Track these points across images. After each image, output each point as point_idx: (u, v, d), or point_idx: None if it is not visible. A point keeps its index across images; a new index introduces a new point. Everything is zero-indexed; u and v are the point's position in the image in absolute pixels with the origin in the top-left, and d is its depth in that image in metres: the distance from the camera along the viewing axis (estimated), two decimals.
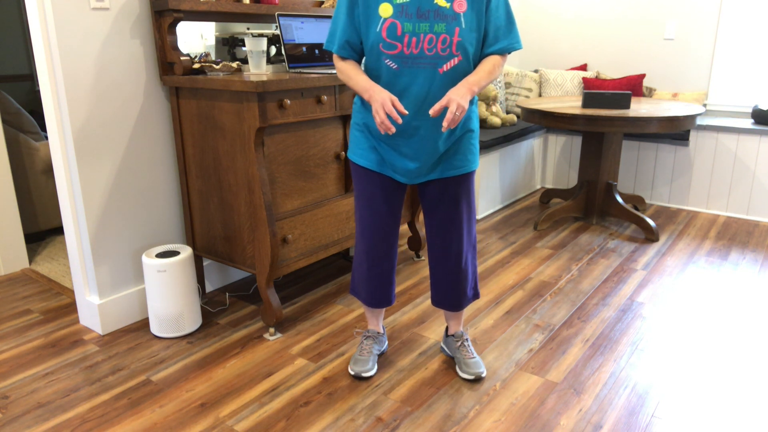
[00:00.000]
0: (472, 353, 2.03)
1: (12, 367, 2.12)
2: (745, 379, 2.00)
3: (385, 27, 1.62)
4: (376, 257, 1.92)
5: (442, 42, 1.62)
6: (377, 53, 1.66)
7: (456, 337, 2.07)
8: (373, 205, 1.85)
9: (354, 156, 1.86)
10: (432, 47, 1.62)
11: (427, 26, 1.60)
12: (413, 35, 1.61)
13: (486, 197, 3.83)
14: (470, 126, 1.81)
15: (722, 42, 4.00)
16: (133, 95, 2.29)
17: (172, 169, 2.49)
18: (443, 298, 1.99)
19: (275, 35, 2.71)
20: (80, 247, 2.30)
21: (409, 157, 1.77)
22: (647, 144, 4.03)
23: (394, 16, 1.61)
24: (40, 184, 3.30)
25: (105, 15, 2.15)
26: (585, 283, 2.78)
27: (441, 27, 1.60)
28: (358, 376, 2.00)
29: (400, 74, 1.66)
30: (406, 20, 1.60)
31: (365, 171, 1.84)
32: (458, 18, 1.61)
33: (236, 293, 2.70)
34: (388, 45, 1.63)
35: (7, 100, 3.21)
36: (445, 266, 1.92)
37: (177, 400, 1.91)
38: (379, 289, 1.98)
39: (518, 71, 4.51)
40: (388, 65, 1.66)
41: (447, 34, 1.61)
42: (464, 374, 1.99)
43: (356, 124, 1.84)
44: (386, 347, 2.18)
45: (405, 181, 1.83)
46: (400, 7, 1.60)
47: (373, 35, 1.64)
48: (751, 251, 3.18)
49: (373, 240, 1.89)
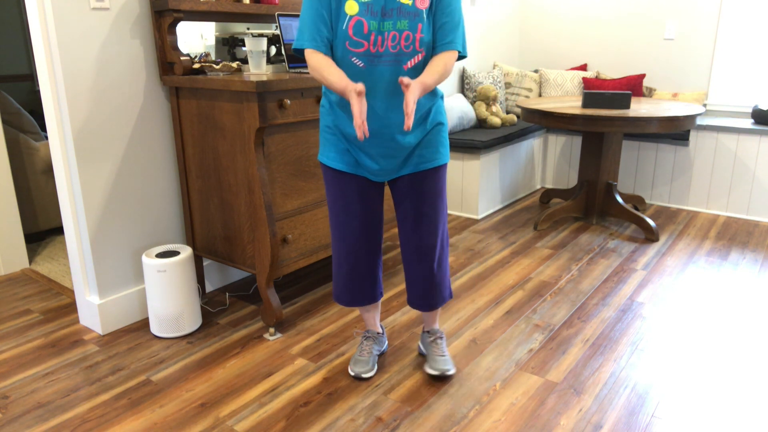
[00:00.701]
0: (443, 351, 2.02)
1: (12, 367, 2.12)
2: (745, 379, 2.00)
3: (351, 25, 1.61)
4: (360, 257, 1.89)
5: (405, 39, 1.62)
6: (343, 51, 1.65)
7: (431, 333, 2.06)
8: (350, 207, 1.83)
9: (327, 159, 1.82)
10: (396, 44, 1.62)
11: (390, 24, 1.61)
12: (379, 33, 1.61)
13: (486, 197, 3.83)
14: (439, 119, 1.80)
15: (722, 42, 4.00)
16: (133, 95, 2.29)
17: (172, 169, 2.49)
18: (418, 298, 1.94)
19: (275, 35, 2.71)
20: (80, 247, 2.30)
21: (380, 155, 1.75)
22: (647, 144, 4.03)
23: (359, 13, 1.60)
24: (40, 184, 3.30)
25: (105, 15, 2.15)
26: (585, 283, 2.78)
27: (404, 24, 1.61)
28: (358, 376, 2.00)
29: (365, 72, 1.65)
30: (371, 18, 1.60)
31: (340, 174, 1.81)
32: (420, 14, 1.61)
33: (236, 293, 2.70)
34: (355, 43, 1.63)
35: (7, 100, 3.21)
36: (419, 265, 1.89)
37: (177, 400, 1.91)
38: (361, 286, 1.94)
39: (518, 71, 4.51)
40: (354, 62, 1.65)
41: (410, 31, 1.61)
42: (430, 370, 1.97)
43: (327, 127, 1.81)
44: (386, 347, 2.18)
45: (378, 179, 1.82)
46: (365, 6, 1.60)
47: (339, 32, 1.63)
48: (751, 251, 3.18)
49: (356, 242, 1.86)
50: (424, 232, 1.85)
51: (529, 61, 4.88)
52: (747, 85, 3.98)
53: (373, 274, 1.95)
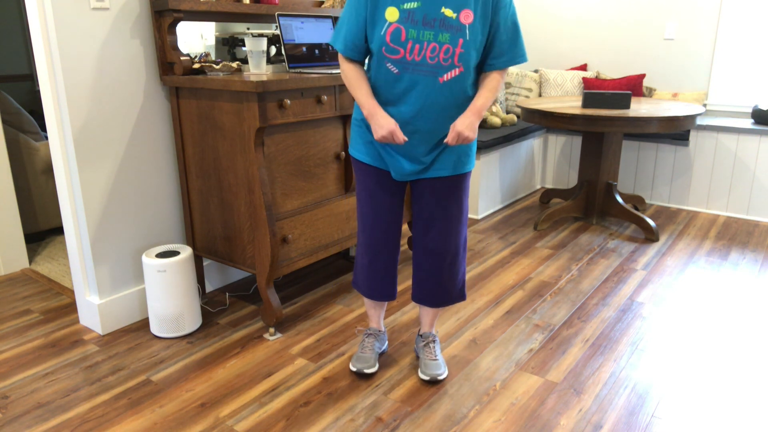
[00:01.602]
0: (436, 355, 2.02)
1: (12, 367, 2.12)
2: (745, 379, 2.00)
3: (389, 31, 1.61)
4: (377, 251, 1.91)
5: (445, 52, 1.61)
6: (380, 56, 1.66)
7: (424, 337, 2.06)
8: (373, 199, 1.86)
9: (354, 151, 1.87)
10: (434, 56, 1.61)
11: (431, 34, 1.60)
12: (416, 42, 1.60)
13: (486, 197, 3.83)
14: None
15: (722, 42, 4.00)
16: (133, 95, 2.29)
17: (172, 169, 2.49)
18: (425, 292, 1.94)
19: (275, 35, 2.71)
20: (80, 247, 2.30)
21: (405, 157, 1.77)
22: (647, 144, 4.03)
23: (399, 21, 1.60)
24: (40, 184, 3.30)
25: (105, 15, 2.15)
26: (585, 283, 2.78)
27: (445, 37, 1.60)
28: (360, 372, 2.00)
29: (400, 78, 1.66)
30: (411, 26, 1.60)
31: (365, 166, 1.85)
32: (463, 29, 1.60)
33: (236, 293, 2.70)
34: (391, 49, 1.63)
35: (7, 100, 3.21)
36: (425, 265, 1.90)
37: (177, 400, 1.91)
38: (379, 283, 1.96)
39: (518, 71, 4.51)
40: (388, 68, 1.66)
41: (450, 45, 1.60)
42: (422, 375, 1.98)
43: (356, 120, 1.85)
44: (386, 347, 2.18)
45: (399, 178, 1.83)
46: (406, 13, 1.60)
47: (377, 38, 1.64)
48: (751, 251, 3.18)
49: (374, 234, 1.89)
50: (436, 235, 1.86)
51: (529, 61, 4.88)
52: (747, 85, 3.98)
53: (390, 272, 1.96)
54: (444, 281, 1.92)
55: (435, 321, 2.06)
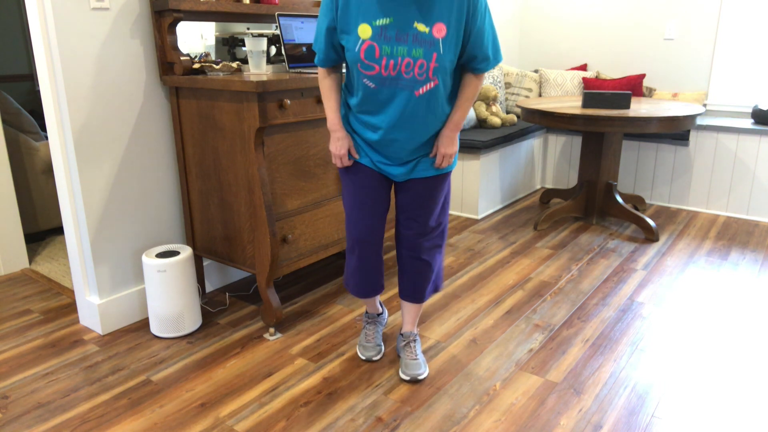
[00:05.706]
0: (416, 354, 2.03)
1: (12, 367, 2.12)
2: (745, 379, 2.00)
3: (363, 48, 1.62)
4: (363, 249, 1.93)
5: (419, 67, 1.62)
6: (356, 71, 1.68)
7: (405, 336, 2.07)
8: (356, 196, 1.87)
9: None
10: (409, 71, 1.63)
11: (405, 50, 1.60)
12: (391, 58, 1.61)
13: (486, 197, 3.83)
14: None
15: (722, 42, 4.00)
16: (133, 95, 2.29)
17: (172, 169, 2.49)
18: (406, 288, 2.00)
19: (275, 35, 2.71)
20: (80, 247, 2.30)
21: (388, 159, 1.81)
22: (647, 144, 4.03)
23: (372, 38, 1.61)
24: (40, 184, 3.30)
25: (105, 15, 2.15)
26: (585, 283, 2.78)
27: (419, 52, 1.60)
28: (369, 360, 2.08)
29: (378, 92, 1.68)
30: (384, 43, 1.60)
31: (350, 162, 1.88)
32: (436, 44, 1.60)
33: (236, 293, 2.70)
34: (366, 66, 1.64)
35: (7, 100, 3.21)
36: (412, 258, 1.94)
37: (177, 400, 1.91)
38: (368, 279, 1.99)
39: (518, 71, 4.51)
40: (365, 83, 1.68)
41: (425, 60, 1.61)
42: (402, 375, 2.00)
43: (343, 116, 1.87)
44: (386, 318, 2.29)
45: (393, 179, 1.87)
46: (379, 29, 1.60)
47: (351, 54, 1.65)
48: (751, 251, 3.18)
49: (360, 232, 1.90)
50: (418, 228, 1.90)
51: (529, 61, 4.88)
52: (747, 85, 3.98)
53: (377, 268, 1.98)
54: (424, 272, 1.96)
55: (416, 320, 2.09)
